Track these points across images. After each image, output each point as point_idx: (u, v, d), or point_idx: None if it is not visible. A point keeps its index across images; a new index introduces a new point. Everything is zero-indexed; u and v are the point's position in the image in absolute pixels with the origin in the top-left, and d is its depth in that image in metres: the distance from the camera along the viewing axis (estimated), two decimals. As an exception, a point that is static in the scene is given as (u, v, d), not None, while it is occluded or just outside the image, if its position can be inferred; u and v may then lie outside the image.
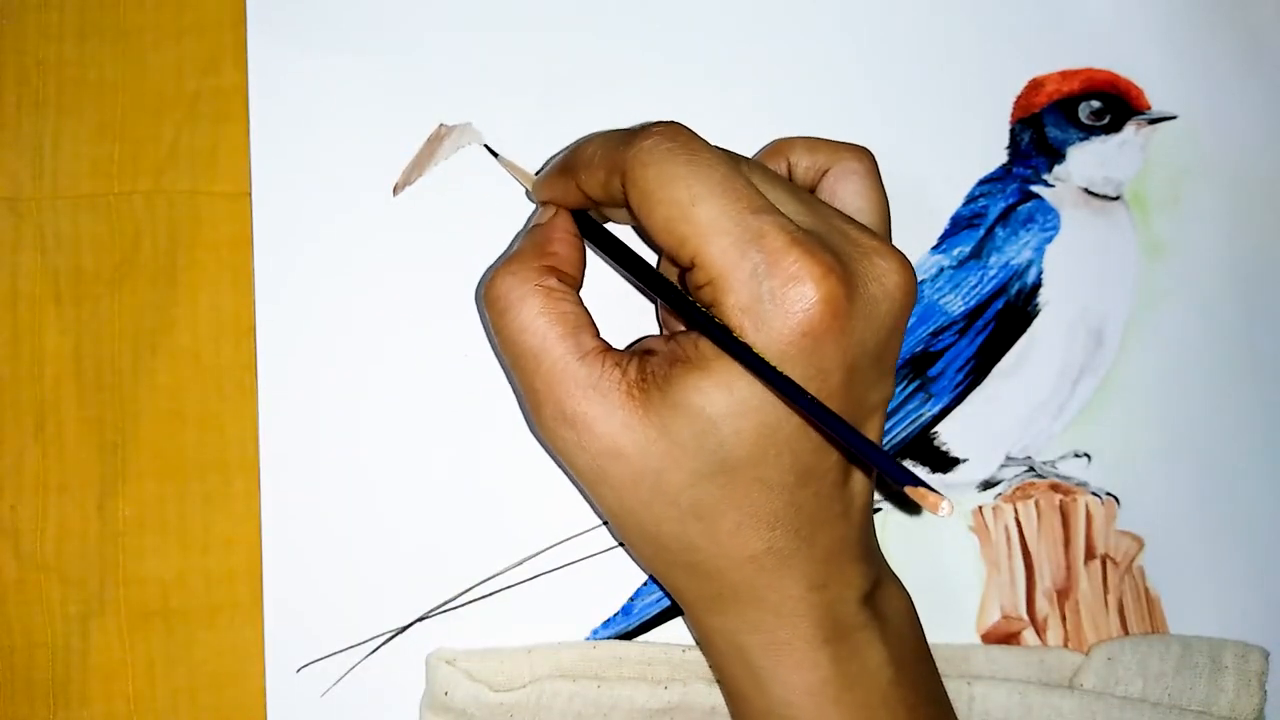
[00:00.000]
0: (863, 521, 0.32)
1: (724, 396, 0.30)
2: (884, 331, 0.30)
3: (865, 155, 0.34)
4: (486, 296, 0.32)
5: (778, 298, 0.29)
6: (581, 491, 0.37)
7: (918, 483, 0.27)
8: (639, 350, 0.32)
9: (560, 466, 0.36)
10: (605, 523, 0.37)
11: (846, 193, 0.34)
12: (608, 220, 0.36)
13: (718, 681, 0.35)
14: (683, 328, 0.34)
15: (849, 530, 0.32)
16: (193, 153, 0.38)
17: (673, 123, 0.31)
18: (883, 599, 0.33)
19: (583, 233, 0.34)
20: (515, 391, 0.38)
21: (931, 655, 0.34)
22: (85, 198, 0.38)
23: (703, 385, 0.30)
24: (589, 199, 0.33)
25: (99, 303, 0.37)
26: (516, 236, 0.38)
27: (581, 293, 0.33)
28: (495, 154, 0.38)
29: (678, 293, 0.31)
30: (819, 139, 0.35)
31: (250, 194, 0.38)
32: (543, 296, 0.32)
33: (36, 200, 0.38)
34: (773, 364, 0.29)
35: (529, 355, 0.31)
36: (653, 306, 0.39)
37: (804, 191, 0.32)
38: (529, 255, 0.33)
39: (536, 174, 0.36)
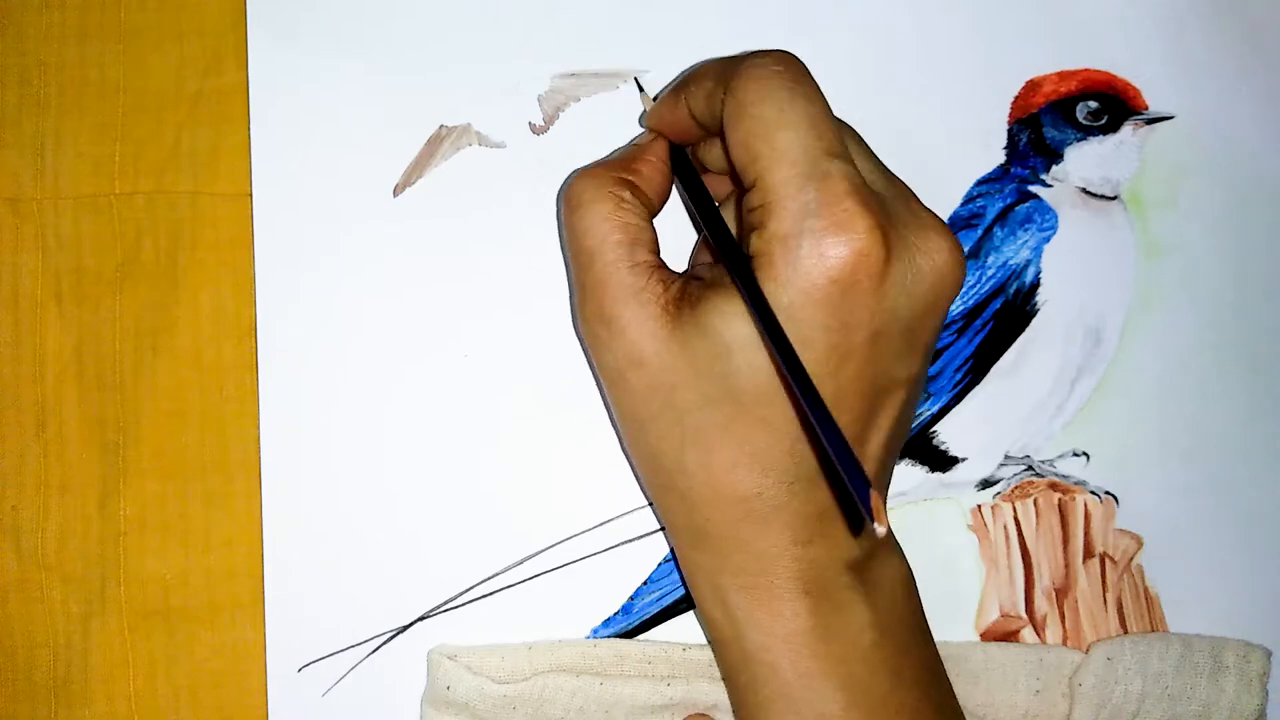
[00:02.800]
0: None
1: (743, 325, 0.30)
2: (921, 305, 0.31)
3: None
4: (564, 193, 0.34)
5: (817, 237, 0.29)
6: (604, 396, 0.36)
7: (868, 487, 0.26)
8: (689, 274, 0.33)
9: (590, 365, 0.36)
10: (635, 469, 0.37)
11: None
12: (704, 171, 0.36)
13: (701, 626, 0.34)
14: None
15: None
16: (194, 153, 0.38)
17: (789, 53, 0.32)
18: (875, 567, 0.32)
19: (673, 167, 0.35)
20: (569, 287, 0.38)
21: (928, 627, 0.34)
22: (87, 198, 0.38)
23: (726, 309, 0.30)
24: (692, 117, 0.34)
25: (100, 303, 0.38)
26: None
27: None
28: (641, 88, 0.39)
29: (721, 222, 0.32)
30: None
31: (251, 194, 0.38)
32: (612, 203, 0.33)
33: (38, 201, 0.38)
34: (797, 302, 0.29)
35: (585, 253, 0.32)
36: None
37: (886, 166, 0.33)
38: (613, 165, 0.34)
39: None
